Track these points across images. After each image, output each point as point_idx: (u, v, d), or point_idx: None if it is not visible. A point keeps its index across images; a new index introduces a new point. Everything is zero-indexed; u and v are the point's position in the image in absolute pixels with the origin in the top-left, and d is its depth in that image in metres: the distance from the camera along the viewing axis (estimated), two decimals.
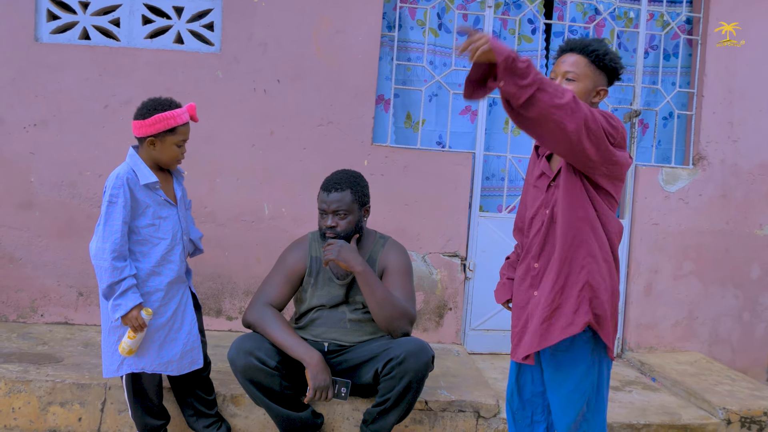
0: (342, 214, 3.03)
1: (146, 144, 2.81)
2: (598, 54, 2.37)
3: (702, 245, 4.60)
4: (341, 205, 3.02)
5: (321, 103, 4.24)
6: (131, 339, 2.74)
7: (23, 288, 4.16)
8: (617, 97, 4.71)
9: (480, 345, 4.43)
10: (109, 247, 2.69)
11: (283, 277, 3.16)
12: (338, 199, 3.02)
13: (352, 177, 3.10)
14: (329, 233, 3.04)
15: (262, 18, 4.18)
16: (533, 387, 2.60)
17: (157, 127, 2.76)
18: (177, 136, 2.81)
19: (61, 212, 4.14)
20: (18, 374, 3.22)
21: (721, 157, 4.58)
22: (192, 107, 2.87)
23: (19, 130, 4.10)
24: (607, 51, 2.39)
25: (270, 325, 2.98)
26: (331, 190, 3.03)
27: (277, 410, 2.96)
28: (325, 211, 3.04)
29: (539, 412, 2.62)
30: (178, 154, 2.86)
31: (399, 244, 3.25)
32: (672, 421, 3.46)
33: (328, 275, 3.14)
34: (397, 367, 2.85)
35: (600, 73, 2.39)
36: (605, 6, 4.62)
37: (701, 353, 4.60)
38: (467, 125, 4.60)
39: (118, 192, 2.73)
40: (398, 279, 3.11)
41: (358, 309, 3.13)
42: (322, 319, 3.11)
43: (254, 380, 2.89)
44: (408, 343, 2.90)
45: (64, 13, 4.19)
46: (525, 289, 2.52)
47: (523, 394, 2.63)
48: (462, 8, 4.54)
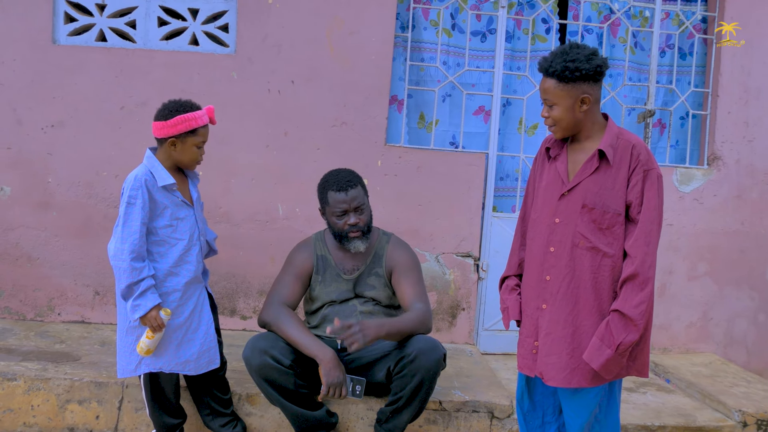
0: (361, 209, 3.08)
1: (167, 145, 2.84)
2: (557, 72, 2.34)
3: (717, 246, 4.57)
4: (359, 199, 3.07)
5: (335, 103, 4.26)
6: (150, 339, 2.77)
7: (41, 287, 4.20)
8: (635, 96, 4.69)
9: (493, 345, 4.44)
10: (128, 248, 2.72)
11: (293, 277, 3.19)
12: (356, 195, 3.06)
13: (352, 172, 3.16)
14: (353, 231, 3.07)
15: (277, 19, 4.21)
16: (544, 388, 2.60)
17: (178, 128, 2.79)
18: (197, 137, 2.85)
19: (77, 212, 4.18)
20: (37, 372, 3.26)
21: (737, 157, 4.55)
22: (210, 110, 2.90)
23: (37, 131, 4.15)
24: (567, 63, 2.32)
25: (285, 324, 3.01)
26: (347, 189, 3.06)
27: (292, 409, 2.98)
28: (345, 211, 3.06)
29: (550, 413, 2.61)
30: (198, 155, 2.90)
31: (402, 241, 3.29)
32: (687, 423, 3.44)
33: (336, 271, 3.18)
34: (408, 365, 2.87)
35: (574, 85, 2.35)
36: (620, 5, 4.60)
37: (716, 355, 4.58)
38: (481, 125, 4.60)
39: (136, 193, 2.76)
40: (409, 277, 3.14)
41: (368, 302, 3.17)
42: (333, 314, 3.13)
43: (269, 379, 2.91)
44: (419, 342, 2.92)
45: (81, 15, 4.23)
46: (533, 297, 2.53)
47: (533, 395, 2.63)
48: (475, 8, 4.54)
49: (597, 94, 2.40)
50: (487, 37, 4.60)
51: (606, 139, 2.39)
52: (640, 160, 2.35)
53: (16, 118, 4.13)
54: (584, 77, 2.34)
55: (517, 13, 4.60)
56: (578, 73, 2.32)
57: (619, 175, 2.36)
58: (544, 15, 4.60)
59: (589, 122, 2.43)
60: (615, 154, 2.37)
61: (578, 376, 2.39)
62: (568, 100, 2.36)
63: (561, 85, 2.35)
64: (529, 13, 4.59)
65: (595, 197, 2.37)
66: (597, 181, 2.38)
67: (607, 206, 2.36)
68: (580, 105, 2.37)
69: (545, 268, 2.47)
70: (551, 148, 2.54)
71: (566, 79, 2.34)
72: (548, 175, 2.52)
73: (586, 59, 2.33)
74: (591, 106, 2.39)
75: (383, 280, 3.18)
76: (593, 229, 2.38)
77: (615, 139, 2.39)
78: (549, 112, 2.42)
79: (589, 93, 2.37)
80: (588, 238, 2.38)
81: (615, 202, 2.36)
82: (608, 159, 2.36)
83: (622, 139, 2.39)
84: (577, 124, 2.42)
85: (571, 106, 2.37)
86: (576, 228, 2.40)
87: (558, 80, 2.35)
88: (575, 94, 2.36)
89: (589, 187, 2.38)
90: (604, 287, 2.38)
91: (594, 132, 2.44)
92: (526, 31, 4.61)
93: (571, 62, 2.32)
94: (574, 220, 2.40)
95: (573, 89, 2.35)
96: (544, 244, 2.48)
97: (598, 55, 2.37)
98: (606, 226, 2.36)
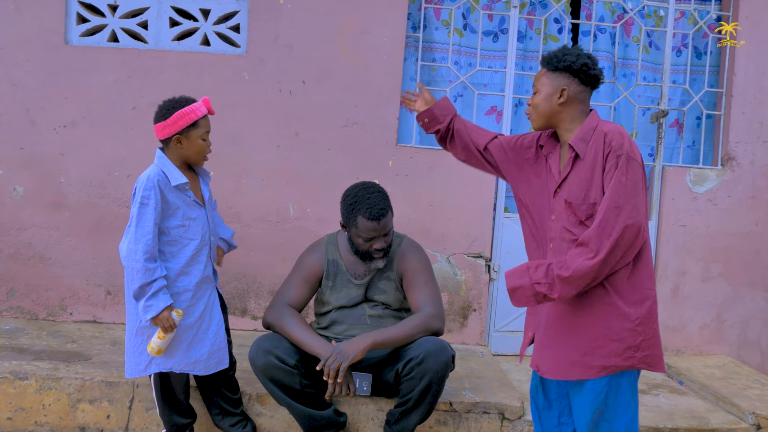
0: (389, 234, 3.08)
1: (173, 143, 2.85)
2: (547, 60, 2.47)
3: (731, 247, 4.53)
4: (389, 225, 3.06)
5: (346, 103, 4.26)
6: (161, 339, 2.77)
7: (53, 287, 4.22)
8: (649, 96, 4.66)
9: (504, 346, 4.42)
10: (141, 248, 2.72)
11: (301, 279, 3.19)
12: (387, 223, 3.04)
13: (383, 195, 3.07)
14: (378, 254, 3.07)
15: (288, 19, 4.21)
16: (558, 387, 2.59)
17: (179, 124, 2.80)
18: (200, 129, 2.85)
19: (89, 212, 4.20)
20: (48, 372, 3.28)
21: (751, 158, 4.51)
22: (206, 100, 2.90)
23: (50, 132, 4.17)
24: (558, 53, 2.45)
25: (287, 324, 3.02)
26: (380, 218, 2.99)
27: (299, 409, 2.98)
28: (374, 237, 3.03)
29: (567, 413, 2.59)
30: (205, 147, 2.90)
31: (415, 243, 3.27)
32: (700, 426, 3.41)
33: (346, 277, 3.17)
34: (416, 368, 2.86)
35: (558, 75, 2.44)
36: (634, 4, 4.57)
37: (729, 357, 4.54)
38: (493, 125, 4.58)
39: (149, 194, 2.76)
40: (418, 279, 3.13)
41: (377, 305, 3.16)
42: (343, 318, 3.14)
43: (275, 379, 2.92)
44: (427, 343, 2.91)
45: (94, 16, 4.25)
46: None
47: (548, 394, 2.61)
48: (487, 8, 4.52)
49: (579, 94, 2.44)
50: (499, 37, 4.59)
51: (578, 132, 2.42)
52: (612, 147, 2.33)
53: (29, 118, 4.16)
54: (568, 69, 2.42)
55: (529, 13, 4.58)
56: (563, 64, 2.42)
57: (595, 166, 2.36)
58: (556, 15, 4.58)
59: (567, 118, 2.46)
60: (587, 145, 2.39)
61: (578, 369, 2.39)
62: (548, 88, 2.45)
63: (547, 73, 2.47)
64: (542, 13, 4.57)
65: (576, 191, 2.39)
66: (577, 176, 2.40)
67: (586, 198, 2.37)
68: (558, 97, 2.43)
69: None
70: (545, 145, 2.58)
71: (552, 68, 2.45)
72: (544, 174, 2.56)
73: (576, 55, 2.43)
74: (569, 102, 2.43)
75: (394, 284, 3.17)
76: (574, 223, 2.39)
77: (589, 131, 2.41)
78: (532, 99, 2.51)
79: (568, 88, 2.42)
80: (571, 231, 2.39)
81: (592, 193, 2.36)
82: (579, 153, 2.39)
83: (597, 130, 2.40)
84: (552, 116, 2.47)
85: (549, 95, 2.45)
86: (562, 223, 2.42)
87: (546, 68, 2.48)
88: (556, 84, 2.44)
89: (571, 183, 2.42)
90: None
91: (573, 128, 2.46)
92: (538, 31, 4.59)
93: (561, 53, 2.44)
94: (562, 215, 2.43)
95: (555, 79, 2.44)
96: (545, 241, 2.52)
97: (593, 60, 2.44)
98: (585, 218, 2.37)
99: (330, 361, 2.81)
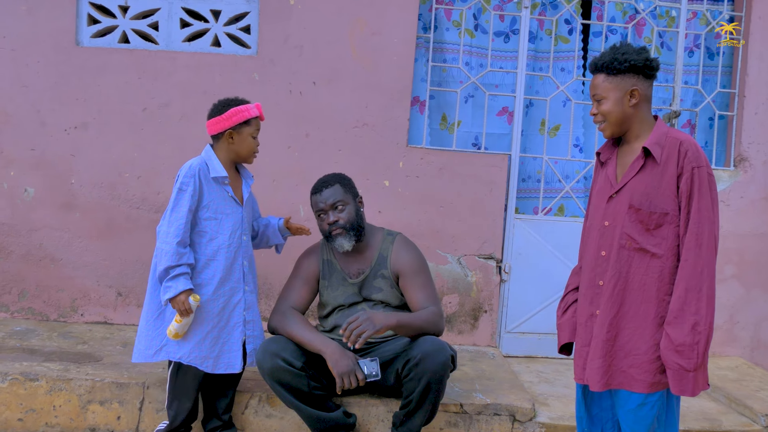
0: (340, 207, 3.10)
1: (225, 138, 2.97)
2: (606, 64, 2.36)
3: (744, 248, 4.50)
4: (336, 197, 3.10)
5: (356, 104, 4.25)
6: (178, 323, 2.83)
7: (64, 288, 4.23)
8: (662, 96, 4.63)
9: (515, 348, 4.39)
10: (173, 231, 2.83)
11: (301, 281, 3.24)
12: (331, 194, 3.10)
13: (335, 174, 3.21)
14: (335, 229, 3.09)
15: (298, 20, 4.20)
16: (600, 401, 2.53)
17: (233, 119, 2.93)
18: (252, 127, 3.00)
19: (100, 213, 4.21)
20: (59, 373, 3.28)
21: (764, 159, 4.48)
22: (259, 106, 3.05)
23: (60, 133, 4.18)
24: (616, 55, 2.34)
25: (289, 325, 3.04)
26: (322, 189, 3.12)
27: (307, 411, 2.98)
28: (323, 210, 3.11)
29: (609, 427, 2.53)
30: (254, 146, 3.04)
31: (409, 241, 3.27)
32: (712, 428, 3.39)
33: (341, 276, 3.20)
34: (414, 369, 2.87)
35: (623, 77, 2.35)
36: (645, 5, 4.54)
37: (742, 358, 4.51)
38: (503, 126, 4.57)
39: (189, 181, 2.88)
40: (417, 280, 3.14)
41: (377, 304, 3.17)
42: (342, 319, 3.13)
43: (282, 382, 2.92)
44: (425, 344, 2.91)
45: (104, 17, 4.26)
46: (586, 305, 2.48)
47: (590, 408, 2.55)
48: (498, 9, 4.51)
49: (647, 90, 2.38)
50: (510, 37, 4.57)
51: (653, 136, 2.34)
52: (688, 157, 2.28)
53: (39, 119, 4.17)
54: (633, 69, 2.34)
55: (540, 14, 4.56)
56: (627, 64, 2.33)
57: (666, 173, 2.30)
58: (567, 15, 4.56)
59: (638, 120, 2.39)
60: (662, 151, 2.32)
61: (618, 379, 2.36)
62: (616, 93, 2.35)
63: (609, 78, 2.36)
64: (552, 14, 4.55)
65: (641, 197, 2.32)
66: (643, 181, 2.33)
67: (654, 206, 2.30)
68: (629, 99, 2.35)
69: (597, 273, 2.43)
70: (602, 152, 2.51)
71: (614, 71, 2.34)
72: (599, 180, 2.50)
73: (636, 52, 2.34)
74: (640, 102, 2.37)
75: (390, 282, 3.17)
76: (640, 230, 2.33)
77: (663, 137, 2.34)
78: (598, 108, 2.40)
79: (638, 86, 2.35)
80: (635, 239, 2.33)
81: (662, 202, 2.30)
82: (655, 157, 2.32)
83: (669, 136, 2.33)
84: (626, 120, 2.39)
85: (619, 99, 2.36)
86: (623, 229, 2.36)
87: (606, 73, 2.36)
88: (624, 87, 2.35)
89: (635, 187, 2.34)
90: (651, 290, 2.33)
91: (643, 131, 2.40)
92: (549, 31, 4.57)
93: (620, 54, 2.33)
94: (621, 221, 2.36)
95: (621, 81, 2.35)
96: (596, 248, 2.44)
97: (648, 50, 2.37)
98: (653, 227, 2.31)
99: (354, 325, 2.80)
